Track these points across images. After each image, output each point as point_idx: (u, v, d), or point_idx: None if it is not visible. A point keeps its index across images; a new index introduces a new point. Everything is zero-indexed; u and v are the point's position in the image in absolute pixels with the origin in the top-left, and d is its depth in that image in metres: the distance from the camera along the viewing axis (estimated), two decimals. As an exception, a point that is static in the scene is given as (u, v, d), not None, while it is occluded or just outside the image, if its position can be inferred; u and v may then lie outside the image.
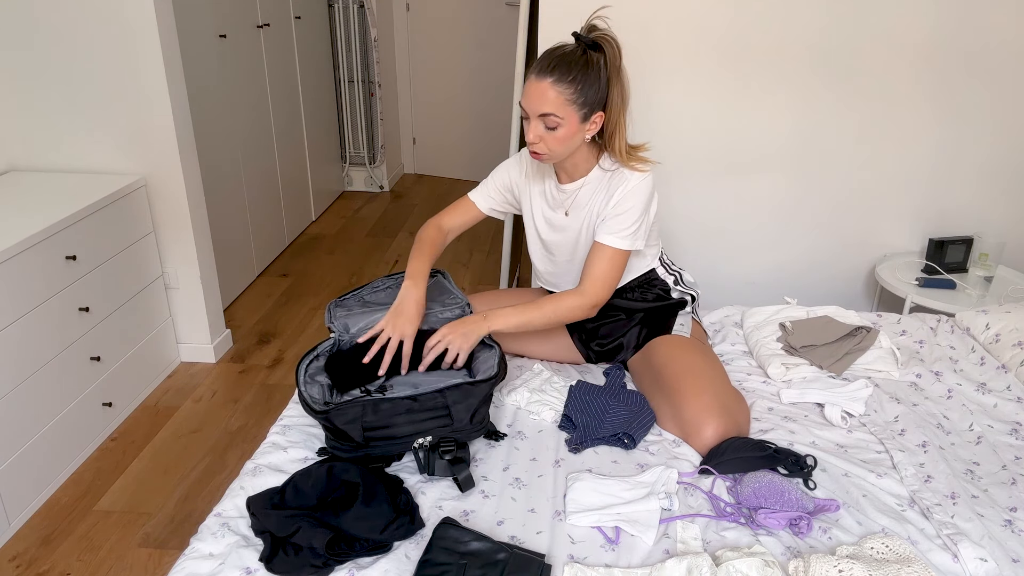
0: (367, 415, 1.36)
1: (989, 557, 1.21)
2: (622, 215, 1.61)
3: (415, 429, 1.38)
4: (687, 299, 1.81)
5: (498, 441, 1.51)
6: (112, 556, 1.94)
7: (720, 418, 1.49)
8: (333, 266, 3.72)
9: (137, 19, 2.32)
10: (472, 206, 1.83)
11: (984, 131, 2.44)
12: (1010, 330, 1.88)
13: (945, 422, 1.63)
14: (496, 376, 1.46)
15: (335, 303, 1.75)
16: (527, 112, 1.54)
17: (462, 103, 4.92)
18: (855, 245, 2.63)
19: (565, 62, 1.49)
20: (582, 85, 1.50)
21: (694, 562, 1.15)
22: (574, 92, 1.50)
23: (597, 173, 1.66)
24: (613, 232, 1.62)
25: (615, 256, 1.62)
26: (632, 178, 1.61)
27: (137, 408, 2.54)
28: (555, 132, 1.53)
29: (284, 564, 1.16)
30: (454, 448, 1.37)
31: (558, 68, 1.49)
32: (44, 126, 2.46)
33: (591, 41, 1.52)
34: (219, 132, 3.10)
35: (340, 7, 4.39)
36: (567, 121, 1.52)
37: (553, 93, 1.49)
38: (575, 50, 1.51)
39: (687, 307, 1.81)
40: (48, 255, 2.07)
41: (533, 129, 1.54)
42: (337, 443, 1.39)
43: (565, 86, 1.49)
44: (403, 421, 1.37)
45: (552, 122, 1.51)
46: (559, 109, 1.50)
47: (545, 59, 1.51)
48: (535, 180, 1.76)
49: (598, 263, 1.63)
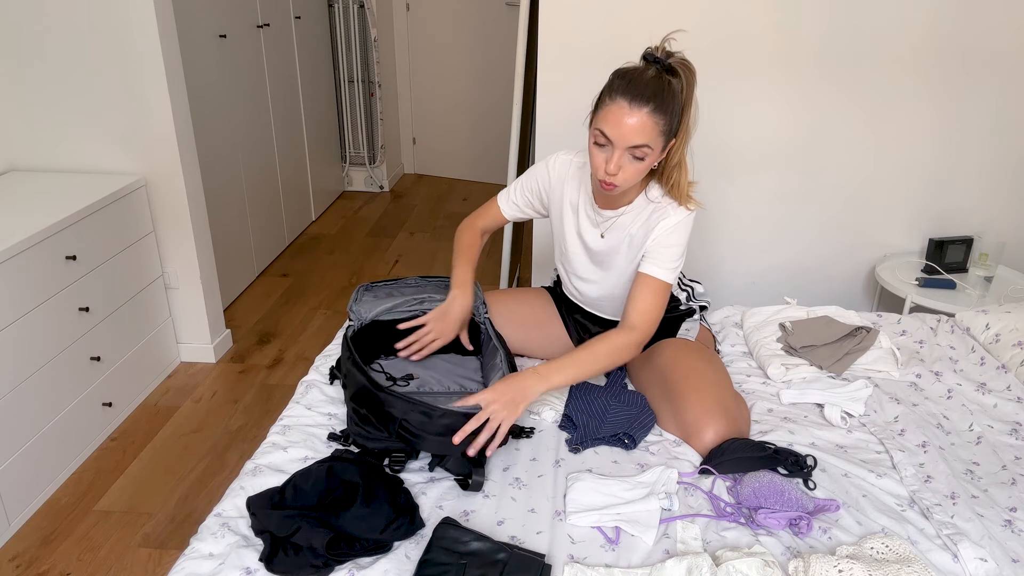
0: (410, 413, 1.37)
1: (989, 557, 1.21)
2: (670, 248, 1.54)
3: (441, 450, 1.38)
4: (695, 309, 1.80)
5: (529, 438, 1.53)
6: (112, 556, 1.94)
7: (721, 420, 1.49)
8: (333, 266, 3.72)
9: (137, 19, 2.32)
10: (499, 210, 1.79)
11: (984, 131, 2.44)
12: (1010, 330, 1.88)
13: (945, 422, 1.63)
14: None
15: (365, 287, 1.79)
16: (611, 140, 1.41)
17: (462, 103, 4.92)
18: (855, 245, 2.63)
19: (659, 89, 1.39)
20: (669, 114, 1.41)
21: (694, 562, 1.15)
22: (666, 122, 1.40)
23: (641, 202, 1.58)
24: (661, 265, 1.55)
25: (661, 289, 1.55)
26: (676, 213, 1.54)
27: (137, 408, 2.54)
28: (640, 163, 1.43)
29: (284, 564, 1.16)
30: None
31: (656, 96, 1.38)
32: (44, 126, 2.46)
33: (669, 66, 1.42)
34: (219, 132, 3.10)
35: (340, 7, 4.39)
36: (654, 152, 1.42)
37: (651, 123, 1.38)
38: (656, 74, 1.40)
39: (695, 315, 1.80)
40: (48, 255, 2.07)
41: (616, 159, 1.41)
42: (363, 428, 1.40)
43: (660, 116, 1.39)
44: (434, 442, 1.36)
45: (642, 153, 1.41)
46: (654, 140, 1.40)
47: (637, 85, 1.39)
48: (568, 192, 1.68)
49: (646, 296, 1.54)
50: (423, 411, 1.35)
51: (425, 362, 1.68)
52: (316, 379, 1.70)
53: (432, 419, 1.35)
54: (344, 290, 3.45)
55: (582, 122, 1.50)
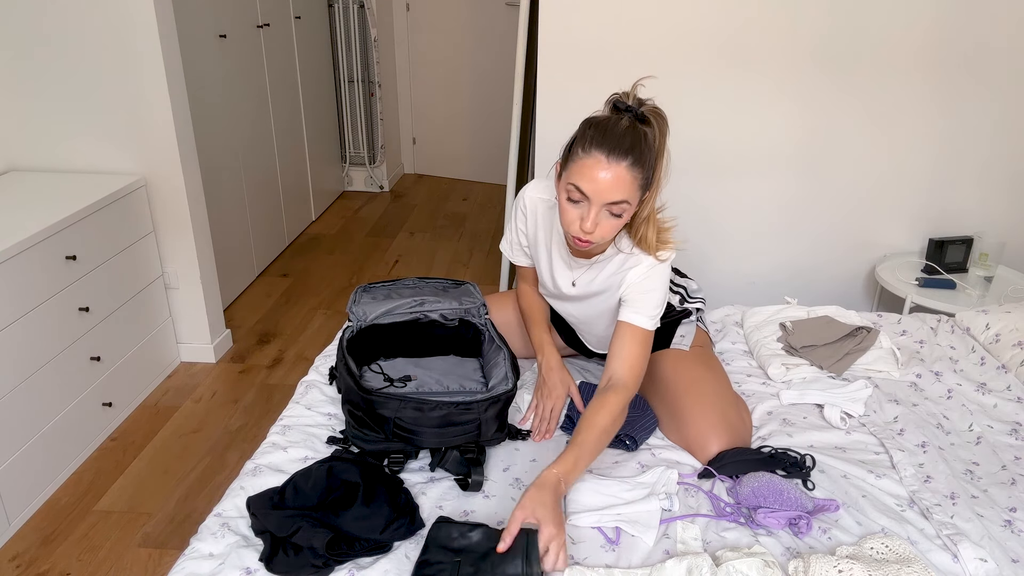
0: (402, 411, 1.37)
1: (989, 557, 1.21)
2: (648, 293, 1.47)
3: (441, 442, 1.38)
4: (691, 310, 1.76)
5: (525, 440, 1.52)
6: (112, 556, 1.94)
7: (724, 436, 1.48)
8: (333, 266, 3.72)
9: (137, 19, 2.32)
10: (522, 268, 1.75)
11: (984, 131, 2.44)
12: (1010, 330, 1.88)
13: (945, 422, 1.63)
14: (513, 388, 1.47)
15: (363, 288, 1.77)
16: (587, 196, 1.32)
17: (462, 103, 4.92)
18: (855, 245, 2.63)
19: (636, 140, 1.31)
20: (646, 167, 1.33)
21: (694, 562, 1.15)
22: (643, 175, 1.33)
23: (611, 252, 1.51)
24: (641, 312, 1.47)
25: (645, 338, 1.47)
26: (646, 261, 1.47)
27: (137, 408, 2.54)
28: (617, 219, 1.35)
29: (284, 564, 1.16)
30: (475, 450, 1.39)
31: (634, 149, 1.30)
32: (44, 126, 2.46)
33: (641, 115, 1.34)
34: (219, 132, 3.09)
35: (340, 7, 4.38)
36: (631, 207, 1.35)
37: (629, 177, 1.30)
38: (629, 124, 1.32)
39: (691, 316, 1.76)
40: (48, 255, 2.06)
41: (592, 216, 1.33)
42: (360, 431, 1.40)
43: (638, 170, 1.31)
44: (432, 435, 1.37)
45: (620, 209, 1.33)
46: (632, 195, 1.32)
47: (613, 137, 1.30)
48: (540, 235, 1.62)
49: (632, 348, 1.46)
50: (414, 406, 1.35)
51: (424, 362, 1.68)
52: (316, 379, 1.70)
53: (424, 412, 1.35)
54: (344, 290, 3.45)
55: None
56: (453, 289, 1.80)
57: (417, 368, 1.67)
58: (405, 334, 1.69)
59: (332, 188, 4.61)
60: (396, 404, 1.36)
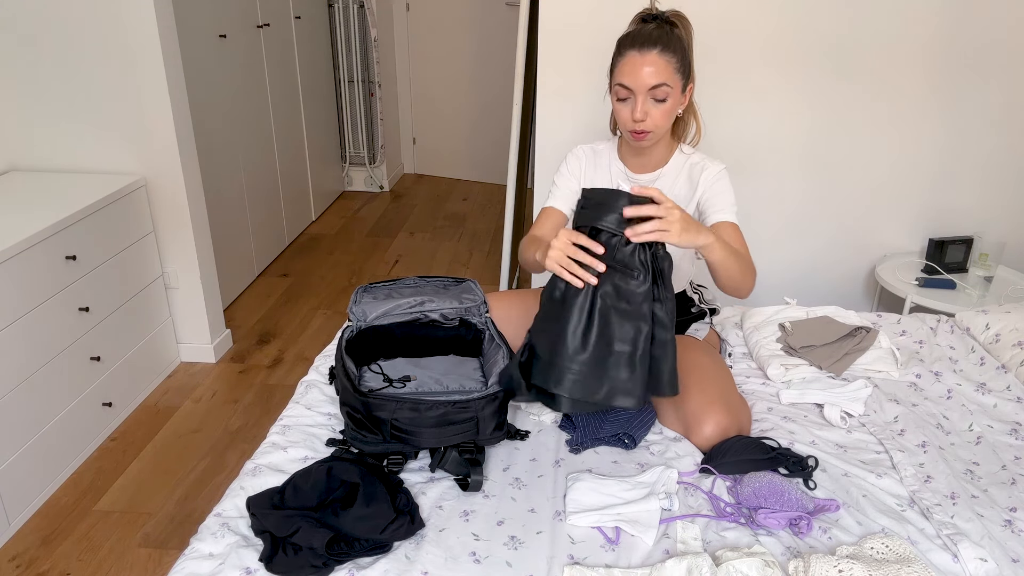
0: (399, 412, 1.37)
1: (989, 557, 1.21)
2: (724, 192, 1.60)
3: (439, 442, 1.38)
4: (707, 311, 1.83)
5: (523, 439, 1.52)
6: (112, 556, 1.94)
7: (722, 413, 1.49)
8: (333, 266, 3.72)
9: (137, 19, 2.32)
10: (554, 211, 1.73)
11: (984, 131, 2.44)
12: (1010, 330, 1.88)
13: (945, 422, 1.63)
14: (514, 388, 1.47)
15: (363, 288, 1.79)
16: (631, 89, 1.50)
17: (462, 103, 4.92)
18: (855, 245, 2.63)
19: (663, 34, 1.49)
20: (681, 53, 1.50)
21: (694, 562, 1.15)
22: (678, 60, 1.49)
23: (677, 159, 1.65)
24: (726, 210, 1.59)
25: (738, 230, 1.59)
26: (714, 165, 1.62)
27: (137, 408, 2.54)
28: (664, 104, 1.51)
29: (284, 564, 1.16)
30: (473, 450, 1.39)
31: (662, 39, 1.48)
32: (44, 126, 2.46)
33: (666, 18, 1.53)
34: (219, 132, 3.10)
35: (340, 7, 4.39)
36: (675, 91, 1.51)
37: (663, 62, 1.48)
38: (657, 26, 1.51)
39: (706, 317, 1.83)
40: (48, 255, 2.07)
41: (640, 106, 1.50)
42: (358, 433, 1.40)
43: (670, 55, 1.48)
44: (430, 435, 1.37)
45: (663, 93, 1.49)
46: (670, 78, 1.49)
47: (639, 35, 1.49)
48: (596, 172, 1.73)
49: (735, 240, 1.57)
50: (411, 407, 1.35)
51: (424, 362, 1.68)
52: (316, 379, 1.70)
53: (421, 412, 1.35)
54: (344, 290, 3.46)
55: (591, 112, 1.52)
56: (453, 287, 1.81)
57: (417, 368, 1.67)
58: (405, 335, 1.69)
59: (332, 188, 4.62)
60: (393, 405, 1.36)
